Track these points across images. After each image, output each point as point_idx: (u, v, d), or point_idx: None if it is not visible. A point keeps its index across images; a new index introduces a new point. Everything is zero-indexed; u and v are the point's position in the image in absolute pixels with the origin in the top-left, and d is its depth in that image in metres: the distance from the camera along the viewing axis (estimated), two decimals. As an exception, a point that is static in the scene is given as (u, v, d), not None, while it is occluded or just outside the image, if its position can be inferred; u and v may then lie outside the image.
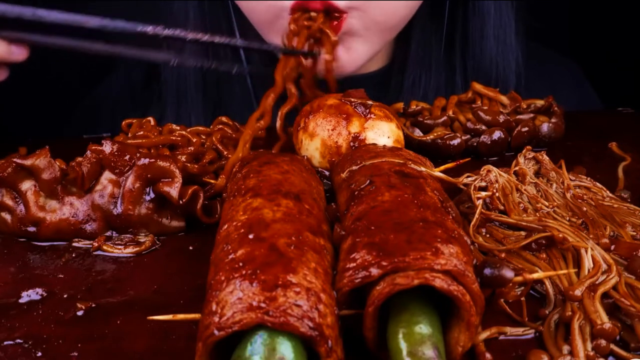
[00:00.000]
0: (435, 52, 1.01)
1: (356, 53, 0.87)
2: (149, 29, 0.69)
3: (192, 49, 0.97)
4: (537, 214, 0.56)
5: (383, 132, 0.65)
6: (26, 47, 0.71)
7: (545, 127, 0.80)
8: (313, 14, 0.79)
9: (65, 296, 0.51)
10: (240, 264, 0.39)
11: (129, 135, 0.76)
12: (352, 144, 0.65)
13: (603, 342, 0.40)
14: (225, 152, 0.74)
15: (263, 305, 0.36)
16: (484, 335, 0.43)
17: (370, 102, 0.67)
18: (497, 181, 0.60)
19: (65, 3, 0.70)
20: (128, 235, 0.60)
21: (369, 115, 0.66)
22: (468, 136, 0.78)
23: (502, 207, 0.57)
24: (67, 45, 0.71)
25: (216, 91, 1.04)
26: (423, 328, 0.37)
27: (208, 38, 0.73)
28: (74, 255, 0.58)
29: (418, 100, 0.85)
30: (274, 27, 0.85)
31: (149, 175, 0.58)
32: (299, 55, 0.78)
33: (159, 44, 0.75)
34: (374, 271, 0.39)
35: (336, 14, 0.80)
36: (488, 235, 0.54)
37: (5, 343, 0.45)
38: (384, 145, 0.63)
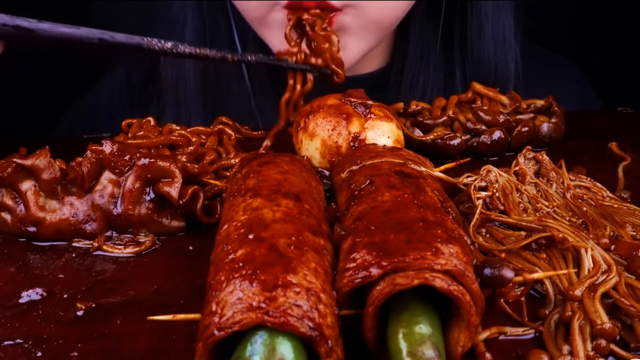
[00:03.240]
0: (434, 53, 1.02)
1: (350, 50, 0.87)
2: (155, 43, 0.67)
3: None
4: (537, 214, 0.56)
5: (383, 132, 0.65)
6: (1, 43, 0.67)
7: (545, 127, 0.80)
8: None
9: (65, 296, 0.51)
10: (240, 264, 0.39)
11: (129, 135, 0.76)
12: (352, 144, 0.65)
13: (603, 342, 0.40)
14: (231, 154, 0.74)
15: (263, 305, 0.36)
16: (484, 335, 0.43)
17: (370, 102, 0.67)
18: (497, 181, 0.60)
19: (67, 3, 0.69)
20: (128, 235, 0.60)
21: (369, 115, 0.66)
22: (468, 136, 0.78)
23: (502, 207, 0.57)
24: (57, 34, 0.66)
25: (215, 91, 1.04)
26: (423, 328, 0.37)
27: (213, 53, 0.72)
28: (74, 255, 0.58)
29: (417, 100, 0.85)
30: (266, 21, 0.86)
31: (149, 175, 0.58)
32: (305, 70, 0.77)
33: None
34: (374, 271, 0.39)
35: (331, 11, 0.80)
36: (488, 235, 0.54)
37: (5, 343, 0.45)
38: (384, 145, 0.63)
